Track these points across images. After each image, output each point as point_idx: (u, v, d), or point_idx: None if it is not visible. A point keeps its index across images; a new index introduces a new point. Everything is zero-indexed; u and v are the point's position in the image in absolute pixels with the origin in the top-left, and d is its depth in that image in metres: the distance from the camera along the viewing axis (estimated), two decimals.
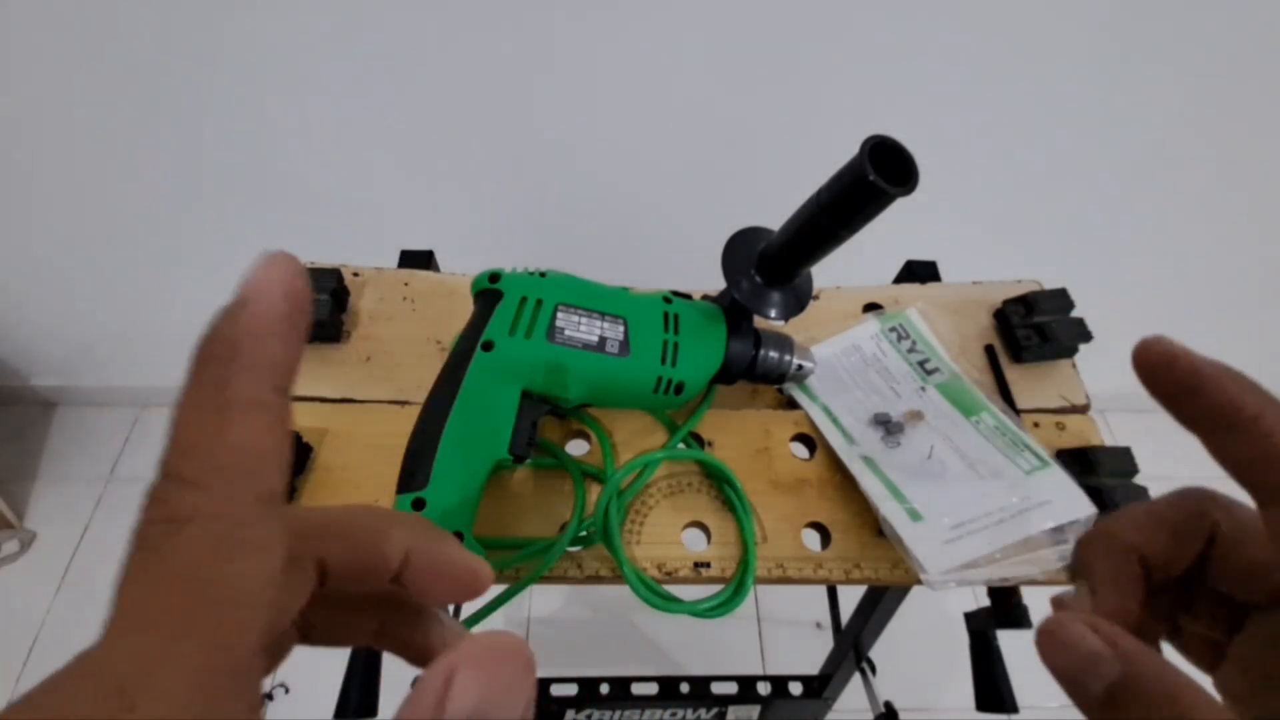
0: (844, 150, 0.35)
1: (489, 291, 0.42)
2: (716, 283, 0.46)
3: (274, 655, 0.17)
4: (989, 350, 0.53)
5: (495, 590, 0.42)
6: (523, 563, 0.42)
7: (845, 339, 0.53)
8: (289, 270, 0.13)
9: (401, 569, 0.18)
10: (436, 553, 0.18)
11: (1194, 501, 0.20)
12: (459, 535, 0.37)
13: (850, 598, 0.80)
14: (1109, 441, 0.47)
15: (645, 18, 0.80)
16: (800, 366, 0.47)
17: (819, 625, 1.23)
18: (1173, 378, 0.18)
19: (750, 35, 0.82)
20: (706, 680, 0.82)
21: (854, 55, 0.84)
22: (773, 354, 0.46)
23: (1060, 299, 0.53)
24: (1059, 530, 0.42)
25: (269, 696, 1.13)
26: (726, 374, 0.45)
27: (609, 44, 0.83)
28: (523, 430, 0.40)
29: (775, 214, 0.42)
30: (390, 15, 0.79)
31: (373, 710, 0.50)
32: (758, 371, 0.46)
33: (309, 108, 0.89)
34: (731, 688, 0.81)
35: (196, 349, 0.13)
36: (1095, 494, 0.43)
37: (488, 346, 0.40)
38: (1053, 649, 0.17)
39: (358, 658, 0.53)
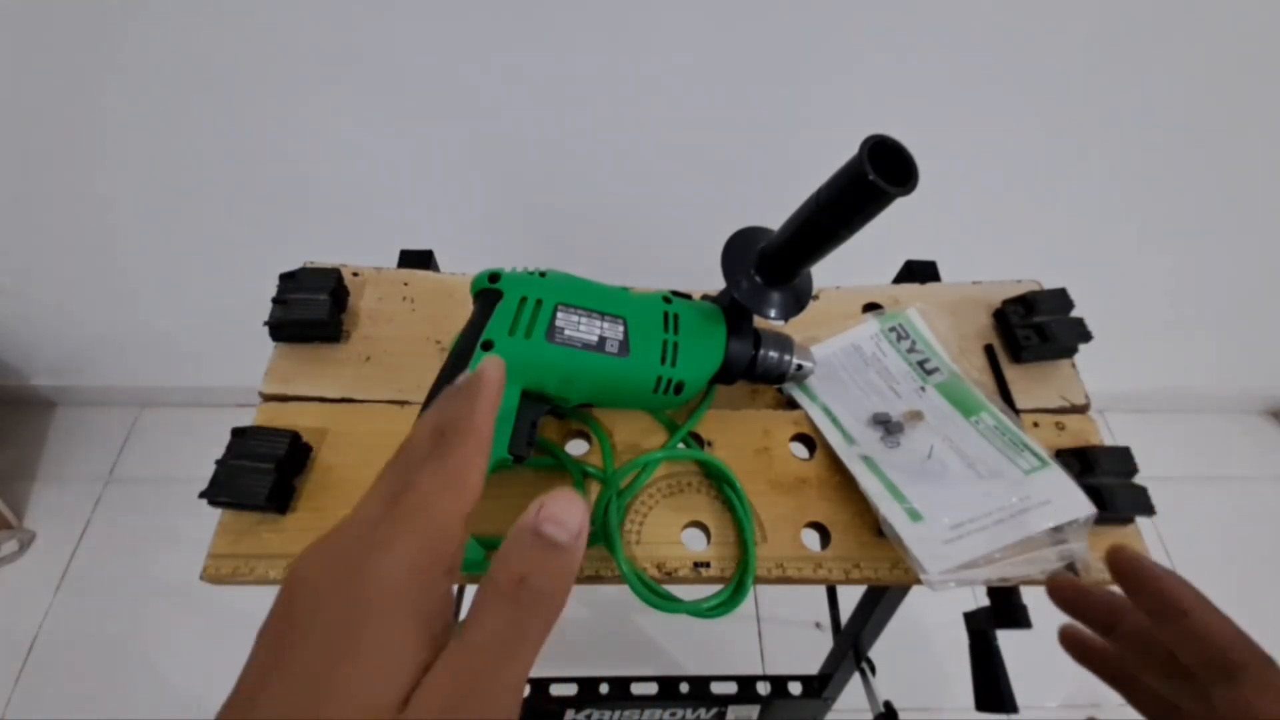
0: (843, 150, 0.35)
1: (489, 291, 0.42)
2: (716, 283, 0.46)
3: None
4: (989, 350, 0.53)
5: None
6: None
7: (845, 339, 0.53)
8: (500, 361, 0.26)
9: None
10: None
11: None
12: None
13: (850, 598, 0.79)
14: (1109, 441, 0.47)
15: (645, 19, 0.80)
16: (800, 366, 0.47)
17: (819, 625, 1.23)
18: (1133, 574, 0.27)
19: (750, 35, 0.82)
20: (706, 680, 0.82)
21: (853, 54, 0.84)
22: (772, 354, 0.46)
23: (1060, 299, 0.53)
24: (1058, 530, 0.42)
25: None
26: (726, 374, 0.45)
27: (608, 45, 0.83)
28: (522, 430, 0.40)
29: (775, 214, 0.42)
30: (390, 16, 0.79)
31: None
32: (757, 371, 0.46)
33: (309, 108, 0.89)
34: (731, 688, 0.81)
35: (455, 383, 0.25)
36: (1095, 494, 0.43)
37: (487, 346, 0.40)
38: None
39: None
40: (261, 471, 0.42)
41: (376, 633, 0.18)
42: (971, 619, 0.53)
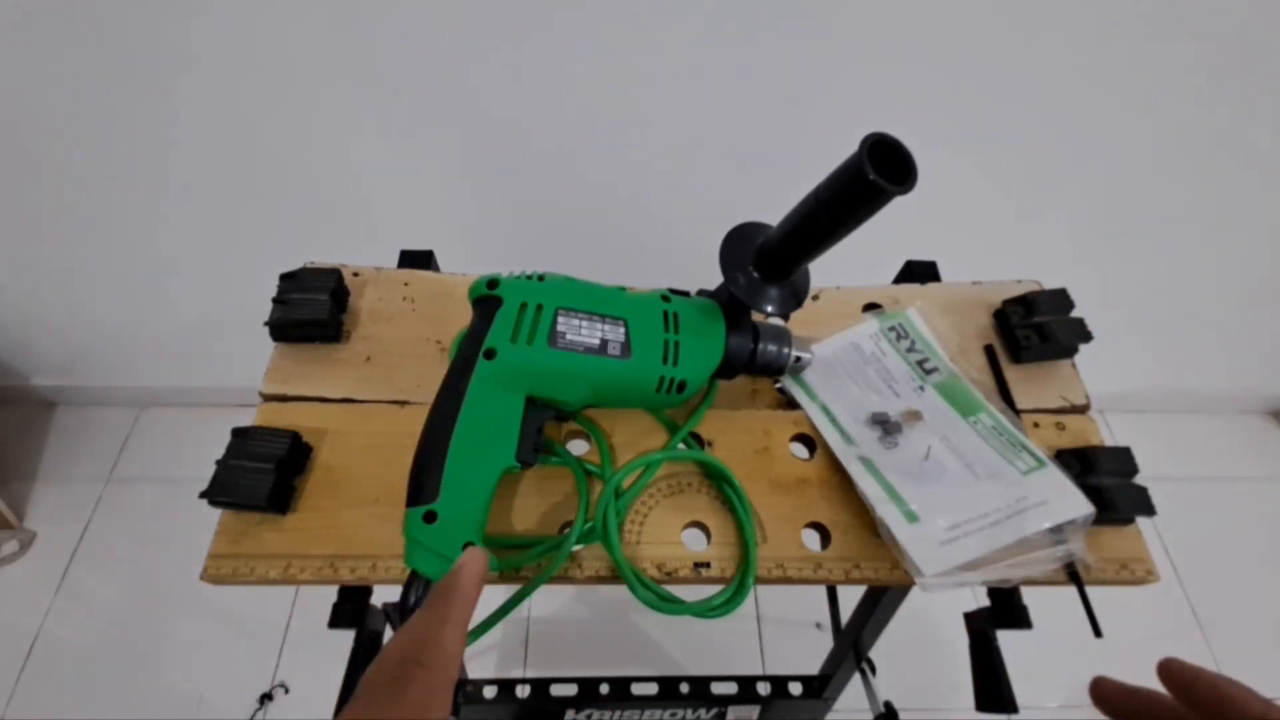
0: (841, 148, 0.35)
1: (488, 298, 0.41)
2: (712, 279, 0.46)
3: None
4: (989, 350, 0.53)
5: (503, 593, 0.42)
6: (529, 564, 0.42)
7: (844, 338, 0.53)
8: (482, 557, 0.30)
9: None
10: None
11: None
12: (468, 544, 0.37)
13: (850, 598, 0.79)
14: (1109, 441, 0.47)
15: (642, 18, 0.80)
16: (799, 358, 0.47)
17: (819, 625, 1.23)
18: (1185, 684, 0.27)
19: (747, 34, 0.82)
20: (706, 680, 0.82)
21: (853, 53, 0.84)
22: (771, 347, 0.46)
23: (1060, 299, 0.53)
24: (1056, 530, 0.42)
25: (269, 696, 1.13)
26: (727, 368, 0.45)
27: (606, 45, 0.83)
28: (528, 436, 0.40)
29: (772, 213, 0.42)
30: (390, 17, 0.79)
31: None
32: (757, 365, 0.46)
33: (309, 108, 0.89)
34: (731, 688, 0.81)
35: (436, 587, 0.28)
36: (1095, 494, 0.43)
37: (490, 355, 0.40)
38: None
39: (357, 659, 0.53)
40: (261, 472, 0.42)
41: None
42: (972, 619, 0.53)
